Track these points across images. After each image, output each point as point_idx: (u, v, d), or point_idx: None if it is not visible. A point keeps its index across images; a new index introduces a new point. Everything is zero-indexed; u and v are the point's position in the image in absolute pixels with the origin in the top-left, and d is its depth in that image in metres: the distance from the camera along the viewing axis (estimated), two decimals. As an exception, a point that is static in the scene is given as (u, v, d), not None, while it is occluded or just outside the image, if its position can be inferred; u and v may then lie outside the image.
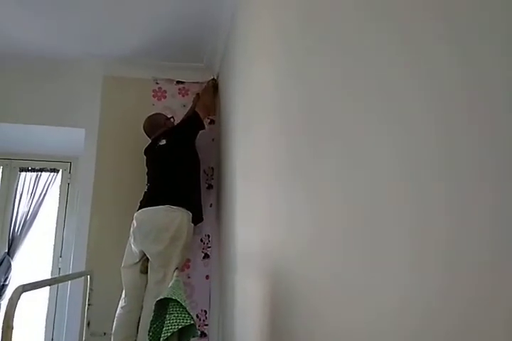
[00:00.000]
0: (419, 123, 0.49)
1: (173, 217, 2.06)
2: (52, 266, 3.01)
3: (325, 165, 0.78)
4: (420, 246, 0.48)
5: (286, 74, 1.07)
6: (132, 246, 2.11)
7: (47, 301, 2.98)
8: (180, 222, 2.07)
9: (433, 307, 0.45)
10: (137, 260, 2.11)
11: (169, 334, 1.16)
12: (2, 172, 3.08)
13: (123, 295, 2.13)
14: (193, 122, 2.37)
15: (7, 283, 2.87)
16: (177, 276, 1.65)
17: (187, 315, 1.20)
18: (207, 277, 2.63)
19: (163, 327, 1.22)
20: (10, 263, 2.88)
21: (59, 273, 2.94)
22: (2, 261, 2.86)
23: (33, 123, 2.81)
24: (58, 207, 3.11)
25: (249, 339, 1.36)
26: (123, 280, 2.14)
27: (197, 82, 2.82)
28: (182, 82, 2.81)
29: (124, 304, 2.10)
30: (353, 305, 0.65)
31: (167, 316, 1.21)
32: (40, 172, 3.12)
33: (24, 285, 1.26)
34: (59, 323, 2.87)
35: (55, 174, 3.15)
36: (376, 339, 0.58)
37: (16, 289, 1.23)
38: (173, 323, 1.18)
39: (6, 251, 2.92)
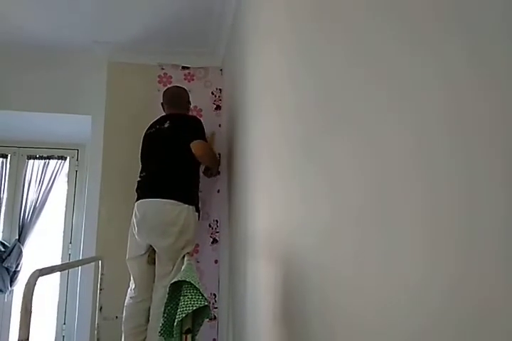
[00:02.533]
0: (430, 107, 0.50)
1: (179, 211, 2.04)
2: (63, 252, 3.05)
3: (339, 148, 0.78)
4: (435, 233, 0.48)
5: (297, 58, 1.06)
6: (137, 237, 2.08)
7: (58, 287, 3.03)
8: (186, 216, 2.07)
9: (447, 297, 0.46)
10: (143, 252, 2.09)
11: (183, 315, 1.18)
12: (10, 161, 3.10)
13: (132, 286, 2.13)
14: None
15: (19, 269, 2.91)
16: (188, 260, 1.67)
17: (201, 297, 1.22)
18: (215, 261, 2.67)
19: (177, 309, 1.24)
20: (21, 250, 2.92)
21: (69, 259, 2.98)
22: (13, 248, 2.90)
23: (39, 110, 2.82)
24: (67, 194, 3.13)
25: (261, 323, 1.38)
26: (131, 271, 2.13)
27: (202, 67, 2.81)
28: (187, 68, 2.79)
29: (133, 294, 2.10)
30: (367, 294, 0.66)
31: (181, 298, 1.23)
32: (47, 160, 3.14)
33: (41, 270, 1.29)
34: (70, 308, 2.92)
35: (63, 161, 3.17)
36: (390, 329, 0.59)
37: (32, 273, 1.26)
38: (187, 305, 1.20)
39: (17, 238, 2.96)
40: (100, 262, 2.16)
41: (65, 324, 2.95)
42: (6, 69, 2.79)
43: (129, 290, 2.16)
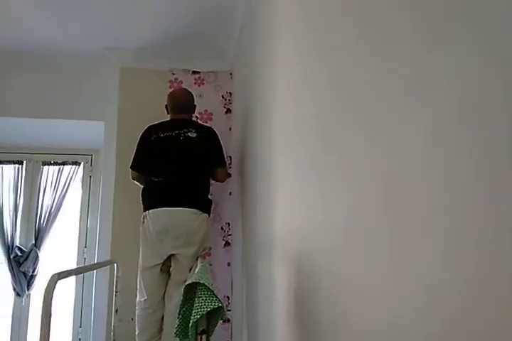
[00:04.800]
0: (442, 98, 0.51)
1: (201, 220, 2.08)
2: (78, 256, 3.10)
3: (356, 146, 0.79)
4: (454, 234, 0.49)
5: (314, 57, 1.06)
6: (156, 247, 2.05)
7: (73, 291, 3.08)
8: (206, 225, 2.12)
9: (462, 301, 0.47)
10: (160, 261, 2.07)
11: (198, 316, 1.20)
12: (26, 167, 3.16)
13: (143, 297, 2.10)
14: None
15: (35, 273, 2.97)
16: (202, 262, 1.70)
17: (215, 298, 1.24)
18: (228, 264, 2.69)
19: (192, 310, 1.26)
20: (37, 255, 2.97)
21: (84, 263, 3.03)
22: (30, 253, 2.95)
23: (53, 117, 2.88)
24: (81, 199, 3.18)
25: (274, 325, 1.40)
26: (143, 282, 2.10)
27: (212, 72, 2.84)
28: (197, 72, 2.83)
29: (146, 306, 2.08)
30: (377, 307, 0.67)
31: (196, 300, 1.25)
32: (62, 166, 3.20)
33: (59, 273, 1.32)
34: (86, 311, 2.96)
35: (77, 167, 3.22)
36: (402, 336, 0.59)
37: (51, 277, 1.29)
38: (201, 306, 1.22)
39: (33, 242, 3.01)
40: (116, 265, 2.19)
41: (81, 327, 2.99)
42: (18, 77, 2.85)
43: (138, 300, 2.13)
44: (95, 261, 2.83)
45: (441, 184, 0.52)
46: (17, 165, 3.15)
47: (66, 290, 3.04)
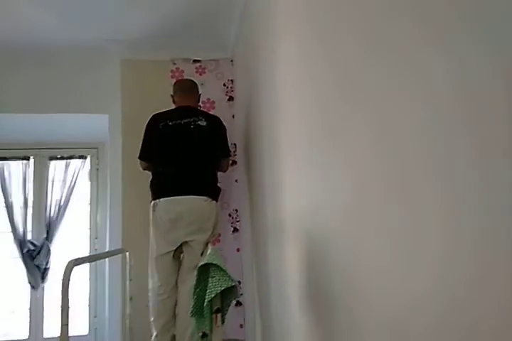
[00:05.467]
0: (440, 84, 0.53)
1: (212, 207, 2.12)
2: (90, 247, 3.14)
3: (356, 129, 0.81)
4: (456, 208, 0.51)
5: (316, 46, 1.08)
6: (169, 235, 2.08)
7: (87, 282, 3.13)
8: (216, 212, 2.15)
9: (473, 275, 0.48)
10: (174, 248, 2.10)
11: (213, 295, 1.23)
12: (34, 162, 3.20)
13: (157, 283, 2.13)
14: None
15: (48, 266, 3.02)
16: (212, 247, 1.72)
17: (228, 278, 1.27)
18: (237, 250, 2.72)
19: (206, 291, 1.29)
20: (49, 248, 3.02)
21: (95, 248, 3.08)
22: (42, 246, 3.00)
23: (57, 112, 2.90)
24: (90, 192, 3.22)
25: (287, 305, 1.42)
26: (156, 269, 2.13)
27: (213, 60, 2.85)
28: (198, 61, 2.84)
29: (160, 292, 2.12)
30: (388, 276, 0.69)
31: (209, 280, 1.28)
32: (69, 160, 3.23)
33: (75, 260, 1.35)
34: (100, 301, 3.01)
35: (84, 160, 3.25)
36: (413, 313, 0.61)
37: (68, 263, 1.32)
38: (215, 286, 1.25)
39: (45, 236, 3.06)
40: (127, 254, 2.23)
41: (96, 317, 3.05)
42: (20, 72, 2.86)
43: (151, 287, 2.16)
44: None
45: (440, 167, 0.53)
46: (24, 161, 3.18)
47: (80, 282, 3.10)
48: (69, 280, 1.26)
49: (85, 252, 3.13)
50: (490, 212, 0.45)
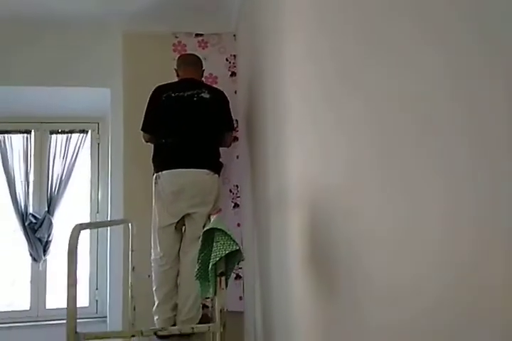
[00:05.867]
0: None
1: (214, 180, 2.15)
2: (91, 221, 3.17)
3: (356, 100, 0.82)
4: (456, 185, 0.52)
5: (321, 19, 1.08)
6: (172, 207, 2.11)
7: (88, 255, 3.17)
8: (218, 186, 2.19)
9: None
10: (176, 220, 2.14)
11: (217, 259, 1.26)
12: (35, 136, 3.20)
13: (159, 254, 2.18)
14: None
15: (50, 239, 3.05)
16: (216, 216, 1.75)
17: (232, 242, 1.30)
18: (238, 225, 2.76)
19: (210, 255, 1.32)
20: (51, 221, 3.04)
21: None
22: (44, 220, 3.02)
23: (59, 85, 2.88)
24: (91, 166, 3.24)
25: (288, 273, 1.45)
26: (158, 240, 2.18)
27: (215, 34, 2.82)
28: (201, 35, 2.81)
29: (162, 262, 2.17)
30: (389, 241, 0.71)
31: (214, 244, 1.31)
32: (70, 134, 3.23)
33: (81, 224, 1.38)
34: (101, 274, 3.06)
35: (85, 135, 3.25)
36: (416, 283, 0.63)
37: (74, 227, 1.35)
38: (220, 250, 1.28)
39: (46, 209, 3.08)
40: (130, 224, 2.26)
41: (97, 289, 3.10)
42: (21, 44, 2.83)
43: (153, 257, 2.21)
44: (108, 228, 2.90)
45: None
46: (25, 135, 3.18)
47: (81, 255, 3.13)
48: (76, 243, 1.29)
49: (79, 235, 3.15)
50: (489, 175, 0.46)
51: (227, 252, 1.26)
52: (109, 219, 2.91)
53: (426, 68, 0.59)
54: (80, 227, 1.32)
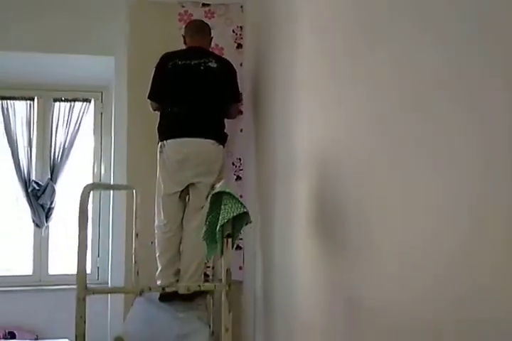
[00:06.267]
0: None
1: (218, 151, 2.15)
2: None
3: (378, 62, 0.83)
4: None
5: None
6: (176, 176, 2.13)
7: (90, 222, 3.20)
8: (222, 156, 2.20)
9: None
10: (180, 189, 2.16)
11: (225, 221, 1.29)
12: (37, 103, 3.19)
13: (163, 221, 2.21)
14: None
15: (53, 206, 3.08)
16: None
17: (240, 205, 1.33)
18: (241, 196, 2.78)
19: (218, 217, 1.35)
20: (54, 188, 3.07)
21: (100, 195, 3.14)
22: (46, 186, 3.05)
23: (63, 52, 2.86)
24: (94, 135, 3.24)
25: (293, 241, 1.48)
26: (162, 208, 2.20)
27: (222, 4, 2.78)
28: (208, 5, 2.77)
29: (166, 230, 2.20)
30: (397, 206, 0.73)
31: (222, 207, 1.34)
32: (73, 103, 3.22)
33: (92, 184, 1.40)
34: (103, 240, 3.10)
35: (88, 104, 3.25)
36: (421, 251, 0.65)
37: (85, 187, 1.37)
38: (228, 212, 1.31)
39: (49, 177, 3.10)
40: (134, 191, 2.29)
41: (99, 257, 3.15)
42: (27, 10, 2.79)
43: (157, 224, 2.25)
44: (111, 194, 2.93)
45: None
46: (28, 102, 3.17)
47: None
48: (87, 201, 1.31)
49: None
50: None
51: (234, 214, 1.29)
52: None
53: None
54: (90, 186, 1.35)
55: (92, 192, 1.43)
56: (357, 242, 0.92)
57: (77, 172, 3.19)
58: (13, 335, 2.85)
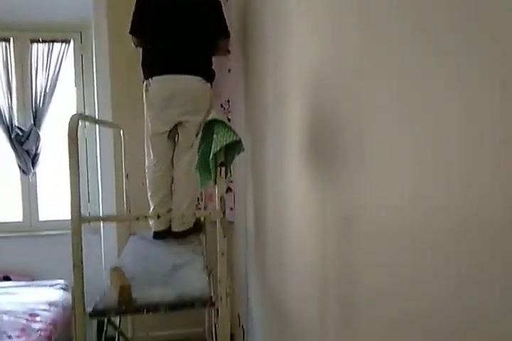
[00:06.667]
0: None
1: (206, 88, 2.09)
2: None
3: None
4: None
5: None
6: (163, 114, 2.08)
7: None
8: (210, 94, 2.14)
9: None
10: (169, 128, 2.13)
11: (218, 148, 1.28)
12: (14, 45, 3.03)
13: (153, 161, 2.19)
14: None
15: (38, 152, 3.03)
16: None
17: (232, 133, 1.31)
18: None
19: (210, 146, 1.34)
20: (38, 134, 3.00)
21: (86, 140, 3.09)
22: (30, 132, 2.98)
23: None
24: (75, 78, 3.13)
25: (286, 174, 1.48)
26: (152, 147, 2.18)
27: None
28: None
29: (156, 169, 2.19)
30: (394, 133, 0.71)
31: (214, 136, 1.32)
32: (51, 44, 3.07)
33: (80, 114, 1.36)
34: (92, 187, 3.09)
35: (67, 45, 3.10)
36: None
37: (72, 116, 1.32)
38: (220, 140, 1.29)
39: (32, 122, 3.02)
40: (122, 131, 2.25)
41: (89, 202, 3.15)
42: None
43: (147, 165, 2.23)
44: (97, 138, 2.89)
45: None
46: (4, 43, 3.01)
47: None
48: (76, 130, 1.28)
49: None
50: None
51: (227, 142, 1.27)
52: (97, 130, 2.89)
53: None
54: (78, 116, 1.30)
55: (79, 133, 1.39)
56: (354, 165, 0.92)
57: (60, 119, 3.11)
58: (8, 279, 2.90)
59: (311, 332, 1.20)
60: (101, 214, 2.90)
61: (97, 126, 2.78)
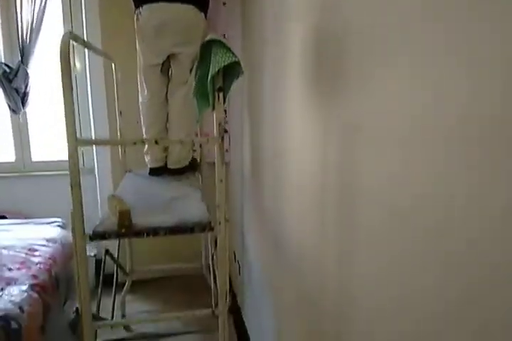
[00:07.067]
0: None
1: (199, 18, 1.99)
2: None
3: None
4: None
5: None
6: (155, 45, 2.00)
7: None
8: (204, 26, 2.04)
9: None
10: (161, 61, 2.06)
11: (216, 70, 1.23)
12: (-6, -25, 2.85)
13: (147, 97, 2.14)
14: None
15: (27, 90, 2.94)
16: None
17: (231, 54, 1.26)
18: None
19: (208, 71, 1.29)
20: (26, 71, 2.89)
21: (75, 79, 2.99)
22: (18, 69, 2.87)
23: None
24: (63, 15, 2.98)
25: (285, 112, 1.44)
26: (145, 82, 2.12)
27: None
28: None
29: (150, 104, 2.14)
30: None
31: (212, 58, 1.27)
32: (35, -25, 2.88)
33: (70, 33, 1.29)
34: (85, 128, 3.03)
35: (52, -24, 2.92)
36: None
37: (63, 35, 1.26)
38: (218, 61, 1.24)
39: (20, 59, 2.91)
40: (113, 65, 2.17)
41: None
42: None
43: (141, 100, 2.18)
44: (88, 78, 2.80)
45: None
46: (-15, -27, 2.82)
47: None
48: (68, 49, 1.22)
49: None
50: None
51: (225, 64, 1.23)
52: (88, 70, 2.79)
53: None
54: (69, 35, 1.24)
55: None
56: (357, 90, 0.89)
57: (49, 57, 2.99)
58: (4, 218, 2.91)
59: (310, 259, 1.21)
60: (94, 152, 2.88)
61: (88, 62, 2.69)
